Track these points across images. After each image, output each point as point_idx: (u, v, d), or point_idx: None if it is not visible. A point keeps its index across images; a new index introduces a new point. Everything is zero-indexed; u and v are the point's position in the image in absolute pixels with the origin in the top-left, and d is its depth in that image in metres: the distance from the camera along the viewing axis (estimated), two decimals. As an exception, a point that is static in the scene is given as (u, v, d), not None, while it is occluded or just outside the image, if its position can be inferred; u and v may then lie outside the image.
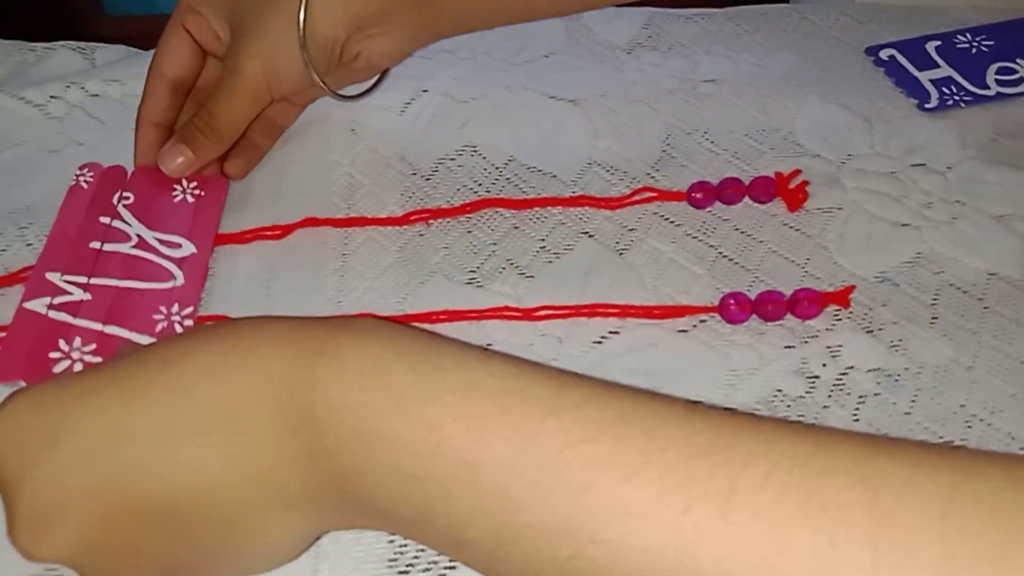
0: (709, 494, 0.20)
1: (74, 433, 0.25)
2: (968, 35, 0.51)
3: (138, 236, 0.39)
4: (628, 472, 0.21)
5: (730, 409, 0.25)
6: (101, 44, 0.51)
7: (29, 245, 0.40)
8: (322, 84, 0.42)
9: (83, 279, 0.37)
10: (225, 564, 0.27)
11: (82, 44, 0.51)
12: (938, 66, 0.50)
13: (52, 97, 0.47)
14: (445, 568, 0.30)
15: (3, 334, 0.36)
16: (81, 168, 0.41)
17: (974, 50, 0.50)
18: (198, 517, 0.25)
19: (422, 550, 0.31)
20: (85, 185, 0.40)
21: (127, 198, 0.40)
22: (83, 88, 0.47)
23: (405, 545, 0.31)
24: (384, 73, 0.47)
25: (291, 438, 0.24)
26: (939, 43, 0.51)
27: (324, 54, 0.41)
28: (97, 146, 0.45)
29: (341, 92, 0.44)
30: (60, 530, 0.24)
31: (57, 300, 0.36)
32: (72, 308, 0.36)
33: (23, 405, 0.26)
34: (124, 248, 0.38)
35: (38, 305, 0.35)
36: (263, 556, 0.27)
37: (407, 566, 0.30)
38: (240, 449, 0.24)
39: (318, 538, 0.30)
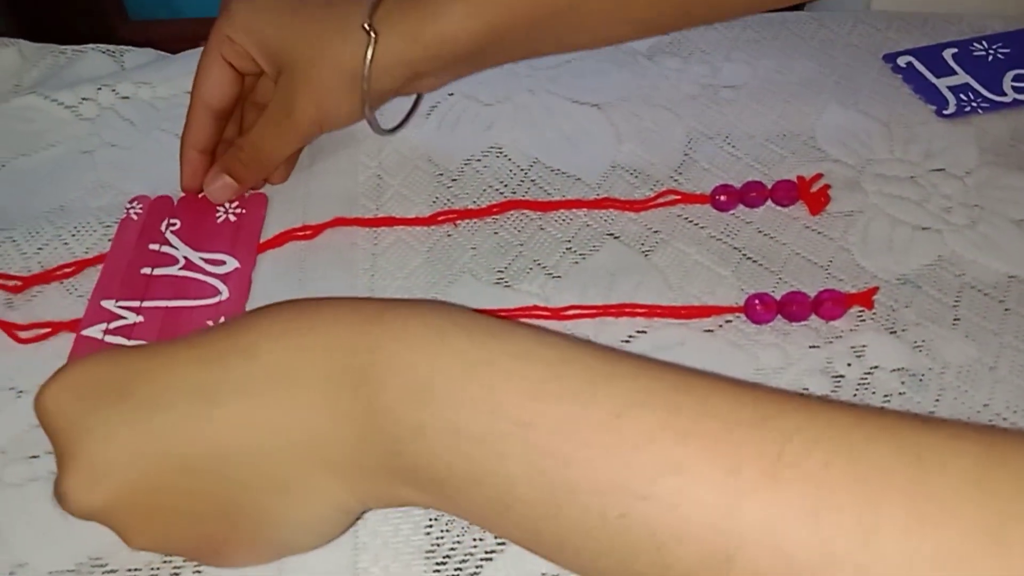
0: (759, 457, 0.21)
1: (133, 392, 0.26)
2: (984, 43, 0.52)
3: (185, 258, 0.40)
4: (681, 435, 0.22)
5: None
6: (129, 47, 0.52)
7: (65, 244, 0.41)
8: (375, 125, 0.43)
9: (136, 303, 0.38)
10: (264, 536, 0.27)
11: (111, 47, 0.52)
12: (955, 73, 0.50)
13: (84, 99, 0.48)
14: (481, 559, 0.31)
15: (45, 331, 0.37)
16: (131, 201, 0.42)
17: (990, 58, 0.51)
18: (240, 478, 0.25)
19: (458, 541, 0.31)
20: (135, 217, 0.42)
21: (174, 224, 0.42)
22: (114, 90, 0.48)
23: (442, 537, 0.32)
24: (419, 98, 0.47)
25: (346, 398, 0.25)
26: (956, 50, 0.52)
27: (379, 100, 0.42)
28: (129, 147, 0.46)
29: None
30: (106, 484, 0.25)
31: (113, 325, 0.37)
32: (126, 331, 0.37)
33: (96, 364, 0.27)
34: (172, 271, 0.40)
35: (95, 331, 0.37)
36: (302, 531, 0.27)
37: (444, 557, 0.31)
38: (289, 410, 0.25)
39: (358, 518, 0.30)
